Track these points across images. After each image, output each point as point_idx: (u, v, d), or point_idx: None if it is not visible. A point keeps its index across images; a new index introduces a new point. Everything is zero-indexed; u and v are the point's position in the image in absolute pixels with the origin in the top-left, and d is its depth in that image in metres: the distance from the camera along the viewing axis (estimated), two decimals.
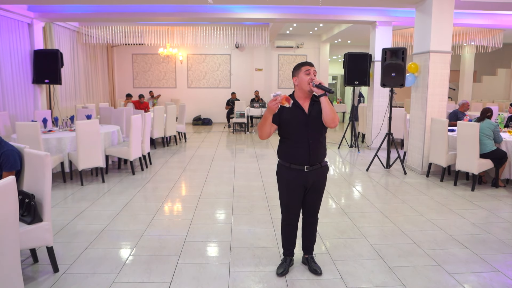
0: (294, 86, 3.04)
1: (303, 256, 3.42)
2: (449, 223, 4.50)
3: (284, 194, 3.14)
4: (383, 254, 3.65)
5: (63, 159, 6.19)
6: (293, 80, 3.02)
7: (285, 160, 3.08)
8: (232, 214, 4.77)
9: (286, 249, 3.32)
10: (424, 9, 6.84)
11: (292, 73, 3.05)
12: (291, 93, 3.07)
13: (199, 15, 9.31)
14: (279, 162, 3.15)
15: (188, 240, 3.97)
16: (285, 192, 3.13)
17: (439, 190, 5.93)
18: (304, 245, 3.37)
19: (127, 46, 14.59)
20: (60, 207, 5.05)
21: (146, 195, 5.62)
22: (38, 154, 3.19)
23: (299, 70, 2.99)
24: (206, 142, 10.67)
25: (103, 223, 4.44)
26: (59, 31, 10.51)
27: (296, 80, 3.00)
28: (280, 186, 3.16)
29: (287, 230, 3.26)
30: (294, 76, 3.02)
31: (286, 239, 3.29)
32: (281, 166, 3.12)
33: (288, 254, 3.34)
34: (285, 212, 3.21)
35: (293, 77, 3.03)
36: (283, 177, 3.11)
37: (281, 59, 15.35)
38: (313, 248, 3.38)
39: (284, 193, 3.14)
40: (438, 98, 6.80)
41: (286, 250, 3.32)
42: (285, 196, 3.14)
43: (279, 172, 3.15)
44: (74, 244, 3.87)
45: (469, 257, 3.59)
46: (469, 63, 15.48)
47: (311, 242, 3.34)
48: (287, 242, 3.30)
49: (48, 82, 8.92)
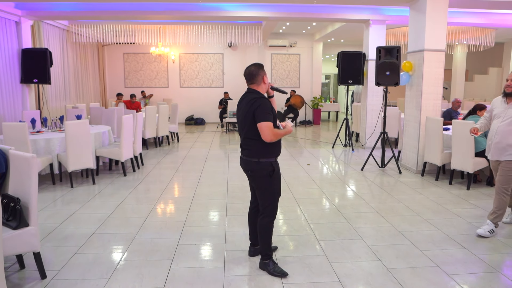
0: (262, 83, 3.19)
1: (254, 248, 3.51)
2: (446, 222, 4.44)
3: (277, 188, 3.25)
4: (381, 255, 3.58)
5: (52, 160, 6.05)
6: (263, 79, 3.18)
7: (273, 155, 3.18)
8: (226, 215, 4.67)
9: (271, 246, 3.37)
10: (418, 7, 6.80)
11: (261, 72, 3.19)
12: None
13: (191, 13, 9.19)
14: (266, 161, 3.14)
15: (181, 243, 3.87)
16: (277, 186, 3.24)
17: (435, 189, 5.88)
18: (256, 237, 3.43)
19: (118, 45, 14.40)
20: (49, 210, 4.91)
21: (138, 197, 5.50)
22: (24, 156, 3.06)
23: (264, 71, 3.23)
24: (199, 142, 10.56)
25: (93, 227, 4.31)
26: (48, 30, 10.31)
27: (265, 79, 3.22)
28: (273, 183, 3.19)
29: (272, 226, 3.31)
30: (264, 75, 3.19)
31: (271, 236, 3.31)
32: (269, 164, 3.16)
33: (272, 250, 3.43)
34: (274, 208, 3.26)
35: (263, 75, 3.18)
36: (276, 172, 3.20)
37: (274, 58, 15.27)
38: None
39: (277, 187, 3.24)
40: (433, 96, 6.76)
41: (271, 247, 3.38)
42: (277, 191, 3.25)
43: (270, 168, 3.15)
44: (63, 248, 3.75)
45: (467, 258, 3.54)
46: (461, 62, 15.54)
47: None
48: (271, 238, 3.33)
49: (36, 81, 8.73)
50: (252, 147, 3.13)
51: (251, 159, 3.15)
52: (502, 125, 3.96)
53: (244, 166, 3.26)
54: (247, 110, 3.08)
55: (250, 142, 3.14)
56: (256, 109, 3.01)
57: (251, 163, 3.16)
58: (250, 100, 3.08)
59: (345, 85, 9.07)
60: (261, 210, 3.24)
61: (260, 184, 3.20)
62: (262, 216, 3.23)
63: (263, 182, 3.18)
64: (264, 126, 2.99)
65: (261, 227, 3.23)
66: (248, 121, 3.09)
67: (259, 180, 3.19)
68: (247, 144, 3.17)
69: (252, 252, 3.52)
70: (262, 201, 3.22)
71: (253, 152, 3.13)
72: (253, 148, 3.13)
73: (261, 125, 3.00)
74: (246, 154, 3.20)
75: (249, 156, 3.16)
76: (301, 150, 9.28)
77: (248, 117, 3.07)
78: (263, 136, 3.01)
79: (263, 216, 3.22)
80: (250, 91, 3.17)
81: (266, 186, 3.18)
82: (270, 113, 3.04)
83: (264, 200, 3.21)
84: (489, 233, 4.00)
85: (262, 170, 3.14)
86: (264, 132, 3.00)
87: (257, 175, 3.17)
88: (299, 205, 5.07)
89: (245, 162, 3.23)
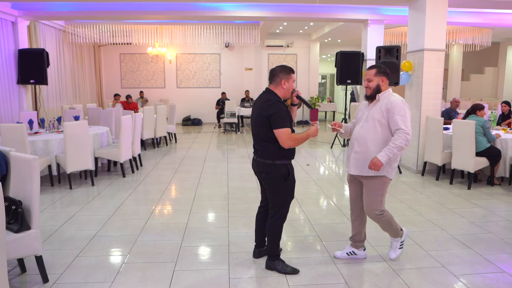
0: (280, 86, 3.09)
1: (259, 250, 3.48)
2: (449, 222, 4.43)
3: (291, 191, 3.20)
4: (386, 256, 3.56)
5: (50, 162, 5.97)
6: (281, 82, 3.08)
7: (288, 158, 3.13)
8: (228, 216, 4.63)
9: (279, 247, 3.39)
10: (418, 6, 6.80)
11: (281, 75, 3.08)
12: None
13: (188, 13, 9.15)
14: (281, 164, 3.08)
15: (184, 245, 3.82)
16: (291, 189, 3.19)
17: (436, 189, 5.88)
18: (263, 239, 3.43)
19: (115, 46, 14.30)
20: (48, 212, 4.85)
21: (138, 198, 5.45)
22: (25, 157, 3.01)
23: (289, 76, 3.10)
24: (197, 142, 10.51)
25: (94, 229, 4.26)
26: (45, 30, 10.23)
27: (285, 84, 3.09)
28: (287, 186, 3.15)
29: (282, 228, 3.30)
30: (284, 79, 3.07)
31: (280, 237, 3.29)
32: (284, 166, 3.10)
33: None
34: (286, 211, 3.23)
35: (283, 79, 3.07)
36: (291, 176, 3.15)
37: (271, 58, 15.24)
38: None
39: (291, 190, 3.20)
40: (433, 96, 6.76)
41: (279, 248, 3.40)
42: (291, 194, 3.20)
43: (285, 171, 3.10)
44: (64, 251, 3.69)
45: (473, 258, 3.52)
46: (457, 61, 15.60)
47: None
48: (279, 239, 3.32)
49: (33, 82, 8.66)
50: (266, 149, 3.07)
51: (265, 161, 3.09)
52: (361, 131, 3.23)
53: (257, 168, 3.18)
54: (261, 112, 3.02)
55: (264, 144, 3.08)
56: (272, 114, 2.94)
57: (265, 165, 3.10)
58: (265, 102, 3.01)
59: (344, 85, 9.07)
60: (272, 212, 3.19)
61: (273, 187, 3.14)
62: (273, 219, 3.19)
63: (277, 185, 3.11)
64: (282, 133, 2.94)
65: (271, 228, 3.20)
66: (261, 123, 3.03)
67: (273, 182, 3.12)
68: (261, 145, 3.11)
69: (257, 254, 3.49)
70: (273, 204, 3.18)
71: (267, 154, 3.07)
72: (267, 150, 3.07)
73: (278, 132, 2.94)
74: (260, 155, 3.14)
75: (263, 158, 3.10)
76: (300, 150, 9.25)
77: (262, 120, 3.01)
78: (281, 142, 2.96)
79: (274, 218, 3.18)
80: (268, 91, 3.12)
81: (280, 189, 3.13)
82: (287, 118, 2.98)
83: (276, 202, 3.16)
84: (400, 252, 3.45)
85: (277, 173, 3.08)
86: (282, 138, 2.95)
87: (272, 177, 3.11)
88: (300, 205, 5.04)
89: (258, 164, 3.16)
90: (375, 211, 3.25)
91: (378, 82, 3.16)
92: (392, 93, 3.25)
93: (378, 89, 3.19)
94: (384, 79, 3.17)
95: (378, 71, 3.18)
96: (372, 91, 3.20)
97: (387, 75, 3.20)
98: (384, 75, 3.18)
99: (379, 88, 3.18)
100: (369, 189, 3.24)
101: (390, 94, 3.21)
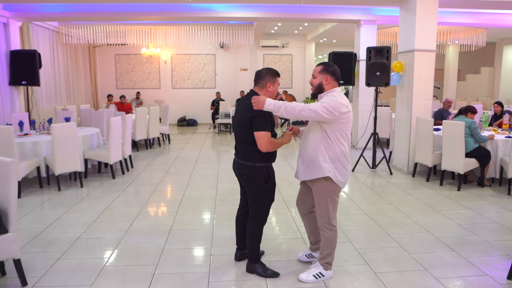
0: (265, 89, 3.08)
1: (241, 252, 3.45)
2: (436, 224, 4.41)
3: (271, 194, 3.19)
4: (369, 259, 3.54)
5: (39, 163, 5.96)
6: (267, 85, 3.06)
7: (269, 161, 3.12)
8: (214, 219, 4.61)
9: (259, 250, 3.34)
10: (409, 7, 6.78)
11: (268, 78, 3.08)
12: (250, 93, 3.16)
13: (182, 14, 9.12)
14: (262, 166, 3.07)
15: (167, 247, 3.80)
16: (271, 192, 3.19)
17: (425, 190, 5.86)
18: (244, 241, 3.38)
19: (110, 47, 14.28)
20: (35, 214, 4.83)
21: (126, 200, 5.43)
22: (3, 160, 2.98)
23: (275, 79, 3.09)
24: (190, 143, 10.48)
25: (78, 231, 4.24)
26: (38, 31, 10.20)
27: (270, 87, 3.06)
28: (267, 189, 3.14)
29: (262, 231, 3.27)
30: (270, 82, 3.06)
31: (260, 240, 3.26)
32: (264, 169, 3.10)
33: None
34: (266, 214, 3.21)
35: (269, 82, 3.06)
36: (271, 178, 3.15)
37: (267, 58, 15.22)
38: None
39: (271, 193, 3.19)
40: (423, 97, 6.74)
41: (260, 251, 3.36)
42: (271, 197, 3.20)
43: (266, 174, 3.10)
44: (46, 254, 3.67)
45: (456, 261, 3.50)
46: (453, 61, 15.58)
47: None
48: (260, 242, 3.28)
49: (25, 83, 8.62)
50: (247, 151, 3.06)
51: (246, 163, 3.07)
52: (304, 134, 3.12)
53: (238, 170, 3.17)
54: (244, 113, 3.01)
55: (245, 146, 3.06)
56: (255, 116, 2.93)
57: (246, 167, 3.08)
58: (249, 104, 2.96)
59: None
60: (252, 215, 3.18)
61: (253, 189, 3.13)
62: (253, 221, 3.17)
63: (257, 188, 3.11)
64: (261, 135, 2.93)
65: (251, 231, 3.18)
66: (244, 125, 3.01)
67: (253, 185, 3.11)
68: (242, 147, 3.09)
69: (239, 257, 3.47)
70: (253, 206, 3.16)
71: (248, 156, 3.06)
72: (248, 152, 3.05)
73: (258, 134, 2.93)
74: (241, 157, 3.12)
75: (244, 160, 3.08)
76: (293, 151, 9.23)
77: (244, 121, 3.00)
78: (259, 145, 2.95)
79: (254, 221, 3.16)
80: (252, 93, 3.09)
81: (260, 192, 3.12)
82: (268, 122, 2.97)
83: (256, 205, 3.15)
84: (315, 278, 3.10)
85: (258, 175, 3.07)
86: (260, 141, 2.94)
87: (252, 179, 3.10)
88: (288, 207, 5.02)
89: (239, 166, 3.14)
90: (322, 220, 3.04)
91: (321, 80, 2.95)
92: (336, 94, 2.92)
93: (320, 87, 2.97)
94: (329, 78, 2.94)
95: (323, 68, 2.97)
96: (314, 89, 3.01)
97: (333, 75, 2.95)
98: (329, 74, 2.95)
99: (321, 87, 2.97)
100: (315, 193, 3.06)
101: (332, 95, 2.90)
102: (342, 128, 2.93)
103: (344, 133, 2.95)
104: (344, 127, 2.93)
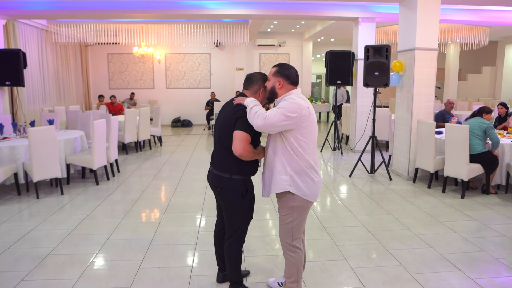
0: (257, 94, 2.71)
1: (223, 274, 3.12)
2: (439, 238, 4.06)
3: (249, 211, 2.83)
4: (365, 280, 3.19)
5: (17, 169, 5.60)
6: (260, 90, 2.71)
7: (247, 173, 2.76)
8: (198, 232, 4.25)
9: (241, 272, 2.99)
10: (409, 4, 6.42)
11: (261, 83, 2.71)
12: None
13: (173, 11, 8.75)
14: (239, 179, 2.71)
15: (143, 266, 3.45)
16: (250, 209, 2.83)
17: (427, 198, 5.50)
18: (223, 261, 3.06)
19: (102, 46, 13.92)
20: (6, 225, 4.47)
21: (107, 209, 5.07)
22: None
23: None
24: (182, 145, 10.12)
25: (50, 246, 3.88)
26: (25, 30, 9.83)
27: (263, 93, 2.73)
28: (245, 204, 2.78)
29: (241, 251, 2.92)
30: (263, 88, 2.72)
31: (240, 261, 2.91)
32: (242, 182, 2.73)
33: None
34: (243, 233, 2.85)
35: (262, 88, 2.71)
36: (250, 193, 2.81)
37: (263, 58, 14.86)
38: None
39: (249, 210, 2.83)
40: (425, 98, 6.38)
41: (242, 273, 3.01)
42: (248, 214, 2.84)
43: (243, 188, 2.73)
44: (10, 274, 3.32)
45: (463, 282, 3.15)
46: (454, 61, 15.24)
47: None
48: (240, 264, 2.92)
49: (9, 84, 8.25)
50: (225, 159, 2.69)
51: (222, 174, 2.71)
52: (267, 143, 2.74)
53: (213, 182, 2.80)
54: (229, 115, 2.63)
55: (224, 153, 2.69)
56: (241, 117, 2.56)
57: (221, 178, 2.72)
58: (237, 106, 2.62)
59: (334, 85, 8.69)
60: (229, 233, 2.81)
61: (229, 205, 2.76)
62: (230, 242, 2.81)
63: (233, 203, 2.74)
64: (240, 135, 2.54)
65: (229, 253, 2.82)
66: (227, 126, 2.63)
67: (228, 199, 2.75)
68: (219, 155, 2.74)
69: (221, 279, 3.12)
70: (229, 224, 2.79)
71: (225, 166, 2.70)
72: (226, 161, 2.69)
73: (237, 133, 2.54)
74: (217, 167, 2.75)
75: (220, 171, 2.72)
76: None
77: (228, 122, 2.62)
78: (234, 145, 2.54)
79: (231, 241, 2.80)
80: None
81: (237, 208, 2.75)
82: (252, 128, 2.54)
83: (232, 223, 2.78)
84: None
85: (234, 189, 2.71)
86: (236, 141, 2.54)
87: (227, 193, 2.74)
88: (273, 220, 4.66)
89: (214, 177, 2.78)
90: (286, 242, 2.69)
91: (274, 83, 2.60)
92: (295, 96, 2.56)
93: (273, 92, 2.62)
94: (282, 82, 2.57)
95: (276, 70, 2.61)
96: (268, 93, 2.67)
97: (287, 78, 2.58)
98: (282, 77, 2.58)
99: (274, 91, 2.61)
100: (279, 209, 2.71)
101: (289, 97, 2.55)
102: (305, 133, 2.53)
103: (308, 140, 2.56)
104: (307, 132, 2.54)
